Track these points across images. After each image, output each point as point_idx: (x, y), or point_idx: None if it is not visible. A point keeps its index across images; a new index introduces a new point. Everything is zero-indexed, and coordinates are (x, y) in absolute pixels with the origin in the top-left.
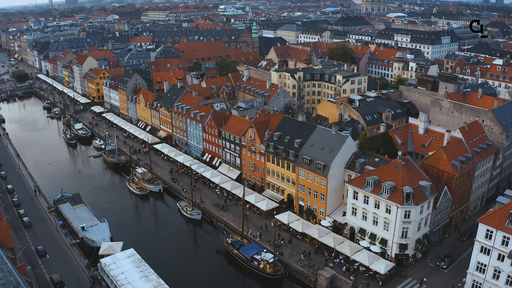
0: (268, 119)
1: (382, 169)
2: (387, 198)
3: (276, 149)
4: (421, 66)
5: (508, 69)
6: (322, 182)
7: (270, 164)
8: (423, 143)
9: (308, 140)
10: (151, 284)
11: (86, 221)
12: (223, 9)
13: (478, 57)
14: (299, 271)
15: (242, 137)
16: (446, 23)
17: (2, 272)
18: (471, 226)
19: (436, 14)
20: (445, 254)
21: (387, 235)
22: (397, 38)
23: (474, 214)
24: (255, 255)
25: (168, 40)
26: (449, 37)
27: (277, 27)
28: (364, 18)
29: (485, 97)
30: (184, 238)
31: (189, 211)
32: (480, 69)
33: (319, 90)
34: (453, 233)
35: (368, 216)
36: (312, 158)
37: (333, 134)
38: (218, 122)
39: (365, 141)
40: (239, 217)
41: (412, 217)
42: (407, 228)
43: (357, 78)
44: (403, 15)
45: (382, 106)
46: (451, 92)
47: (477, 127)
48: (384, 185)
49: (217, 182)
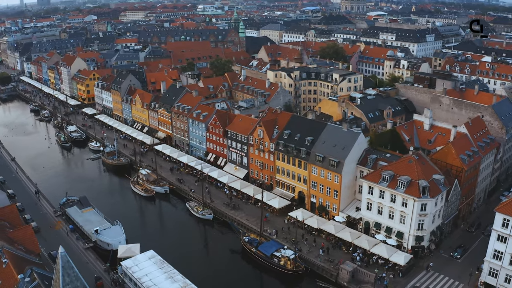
0: (275, 118)
1: (396, 164)
2: (403, 192)
3: (287, 147)
4: (412, 64)
5: (496, 66)
6: (335, 178)
7: (280, 162)
8: (429, 138)
9: (320, 138)
10: (178, 285)
11: (98, 224)
12: (202, 8)
13: (466, 54)
14: (320, 266)
15: (250, 136)
16: (427, 21)
17: (69, 277)
18: (477, 217)
19: (415, 12)
20: (457, 244)
21: (403, 228)
22: (382, 37)
23: (479, 206)
24: (274, 252)
25: (154, 40)
26: (433, 35)
27: (260, 27)
28: (346, 17)
29: (481, 93)
30: (198, 238)
31: (200, 211)
32: (469, 67)
33: (315, 89)
34: (462, 225)
35: (384, 210)
36: (325, 155)
37: (344, 131)
38: (223, 121)
39: (375, 137)
40: (251, 215)
41: (428, 209)
42: (423, 220)
43: (353, 77)
44: (384, 14)
45: (382, 103)
46: (449, 89)
47: (480, 123)
48: (400, 179)
49: (225, 182)
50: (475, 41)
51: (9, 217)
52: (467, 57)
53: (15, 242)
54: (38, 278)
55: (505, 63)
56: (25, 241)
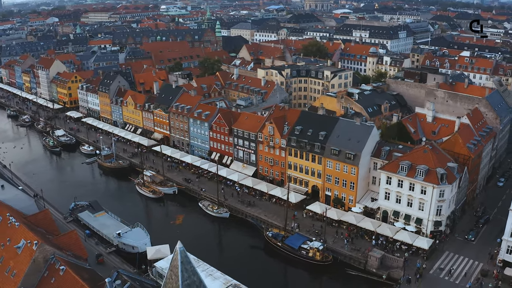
0: (284, 114)
1: (412, 154)
2: (422, 180)
3: (299, 142)
4: (395, 60)
5: (475, 60)
6: (352, 171)
7: (292, 158)
8: (433, 130)
9: (333, 132)
10: (220, 282)
11: (115, 228)
12: (166, 9)
13: (443, 50)
14: (347, 255)
15: (259, 133)
16: (390, 18)
17: (187, 273)
18: (480, 202)
19: (378, 9)
20: (469, 228)
21: (422, 215)
22: (356, 34)
23: (480, 193)
24: (302, 244)
25: (130, 41)
26: (405, 31)
27: (230, 26)
28: (314, 15)
29: (471, 86)
30: (218, 236)
31: (215, 210)
32: (448, 61)
33: (305, 86)
34: (474, 211)
35: (402, 198)
36: (341, 148)
37: (358, 125)
38: (227, 120)
39: (386, 130)
40: (268, 211)
41: (446, 195)
42: (441, 206)
43: (343, 73)
44: (349, 11)
45: (379, 98)
46: (441, 83)
47: (478, 114)
48: (419, 168)
49: (236, 180)
50: (446, 36)
51: (43, 223)
52: (444, 52)
53: (62, 248)
54: (129, 280)
55: (483, 57)
56: (72, 247)
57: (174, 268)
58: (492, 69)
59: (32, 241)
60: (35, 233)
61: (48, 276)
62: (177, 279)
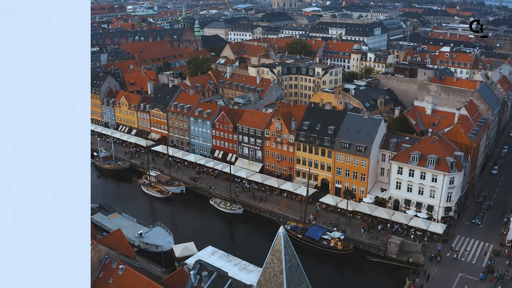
0: (289, 110)
1: (420, 145)
2: (433, 168)
3: (308, 137)
4: (379, 56)
5: (455, 55)
6: (363, 163)
7: (301, 153)
8: (433, 122)
9: (342, 126)
10: (255, 274)
11: (132, 229)
12: (133, 9)
13: (422, 46)
14: (367, 243)
15: (266, 130)
16: (359, 15)
17: (288, 256)
18: (480, 189)
19: (346, 7)
20: (473, 213)
21: (433, 201)
22: (332, 32)
23: (478, 180)
24: (322, 235)
25: (107, 42)
26: (380, 28)
27: (204, 26)
28: (286, 13)
29: (460, 79)
30: (236, 232)
31: (228, 207)
32: (429, 57)
33: (296, 83)
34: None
35: (414, 187)
36: (351, 141)
37: (366, 118)
38: (231, 117)
39: (392, 122)
40: (281, 205)
41: (455, 182)
42: (451, 192)
43: (334, 70)
44: (319, 9)
45: (374, 93)
46: (432, 77)
47: (473, 106)
48: (429, 157)
49: (245, 176)
50: (421, 33)
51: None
52: (423, 48)
53: (110, 248)
54: (214, 270)
55: (463, 52)
56: (119, 247)
57: (277, 253)
58: (472, 64)
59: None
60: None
61: (104, 277)
62: (280, 263)
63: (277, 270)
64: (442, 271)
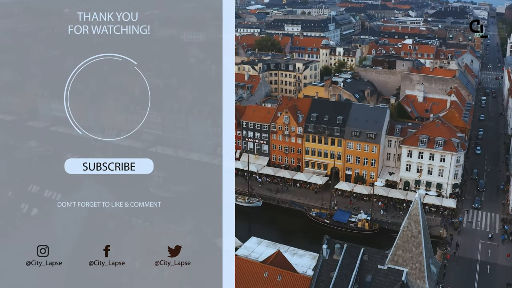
0: (293, 104)
1: (426, 129)
2: (442, 149)
3: (317, 128)
4: (348, 51)
5: (418, 47)
6: (373, 149)
7: (310, 144)
8: (426, 108)
9: (350, 116)
10: (308, 258)
11: None
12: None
13: (383, 39)
14: (390, 222)
15: (273, 124)
16: (302, 12)
17: (422, 218)
18: (470, 168)
19: (287, 4)
20: (472, 189)
21: (441, 180)
22: (288, 28)
23: (466, 160)
24: (349, 218)
25: None
26: (334, 24)
27: None
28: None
29: (436, 69)
30: (263, 224)
31: (247, 200)
32: (393, 49)
33: (276, 79)
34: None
35: (423, 168)
36: (361, 130)
37: (372, 107)
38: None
39: (394, 110)
40: (300, 194)
41: (461, 161)
42: (458, 170)
43: (313, 65)
44: (263, 7)
45: (360, 85)
46: (411, 68)
47: (458, 92)
48: (437, 139)
49: (255, 170)
50: (374, 27)
51: None
52: (385, 41)
53: None
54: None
55: (424, 44)
56: None
57: (414, 216)
58: (434, 54)
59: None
60: None
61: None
62: (418, 225)
63: (415, 231)
64: (465, 239)
